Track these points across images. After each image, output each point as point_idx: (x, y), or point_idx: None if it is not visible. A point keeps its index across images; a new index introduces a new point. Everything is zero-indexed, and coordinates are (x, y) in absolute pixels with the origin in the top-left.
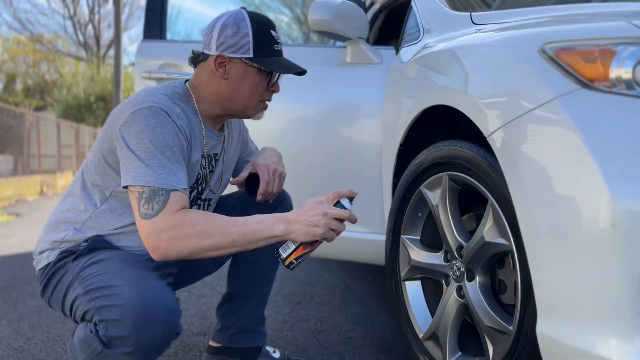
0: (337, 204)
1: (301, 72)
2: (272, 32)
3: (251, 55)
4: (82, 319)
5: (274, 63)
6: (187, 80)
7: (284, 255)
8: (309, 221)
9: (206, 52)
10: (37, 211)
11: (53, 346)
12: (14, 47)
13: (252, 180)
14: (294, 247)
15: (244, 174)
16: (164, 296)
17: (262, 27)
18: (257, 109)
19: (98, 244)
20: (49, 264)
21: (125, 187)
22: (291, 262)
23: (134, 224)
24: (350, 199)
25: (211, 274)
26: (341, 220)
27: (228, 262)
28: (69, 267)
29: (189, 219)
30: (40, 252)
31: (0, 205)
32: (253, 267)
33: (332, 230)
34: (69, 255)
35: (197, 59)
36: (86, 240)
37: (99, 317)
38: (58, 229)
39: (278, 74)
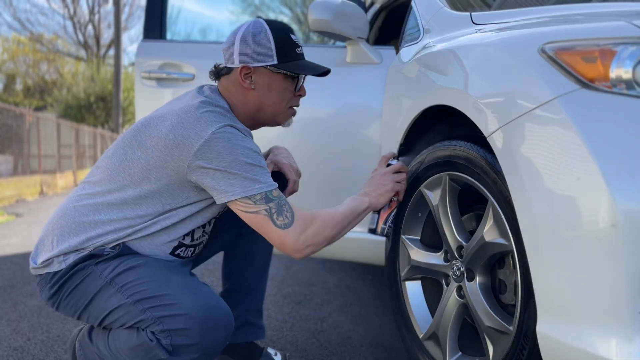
0: (387, 166)
1: (326, 71)
2: (292, 36)
3: (275, 61)
4: (125, 327)
5: (299, 66)
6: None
7: (373, 227)
8: (377, 184)
9: (229, 65)
10: (37, 211)
11: (53, 346)
12: (14, 47)
13: (275, 178)
14: (377, 216)
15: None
16: (220, 301)
17: (281, 33)
18: (286, 115)
19: (125, 250)
20: (64, 268)
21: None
22: (382, 229)
23: (164, 228)
24: (395, 158)
25: (211, 274)
26: (399, 173)
27: (221, 260)
28: (91, 271)
29: (319, 214)
30: (48, 259)
31: (0, 205)
32: (246, 260)
33: (398, 182)
34: (89, 258)
35: (219, 73)
36: (113, 247)
37: (160, 327)
38: (81, 234)
39: (303, 77)
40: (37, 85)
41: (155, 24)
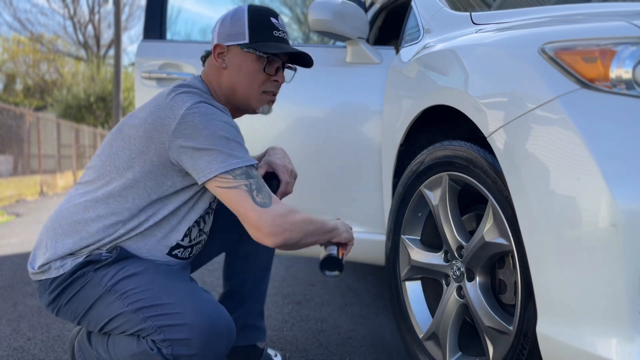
0: None
1: (298, 53)
2: (273, 19)
3: (247, 41)
4: (126, 334)
5: (268, 46)
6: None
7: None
8: (346, 225)
9: (210, 47)
10: (37, 211)
11: (53, 346)
12: (14, 47)
13: (268, 179)
14: (336, 248)
15: (260, 172)
16: (221, 310)
17: (259, 14)
18: (260, 100)
19: (122, 254)
20: (62, 274)
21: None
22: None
23: (157, 224)
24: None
25: (211, 274)
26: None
27: (222, 261)
28: (91, 278)
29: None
30: (46, 263)
31: (0, 205)
32: (248, 261)
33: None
34: (88, 264)
35: (206, 57)
36: (109, 251)
37: (161, 337)
38: (73, 234)
39: (281, 62)
40: (37, 85)
41: (155, 24)
